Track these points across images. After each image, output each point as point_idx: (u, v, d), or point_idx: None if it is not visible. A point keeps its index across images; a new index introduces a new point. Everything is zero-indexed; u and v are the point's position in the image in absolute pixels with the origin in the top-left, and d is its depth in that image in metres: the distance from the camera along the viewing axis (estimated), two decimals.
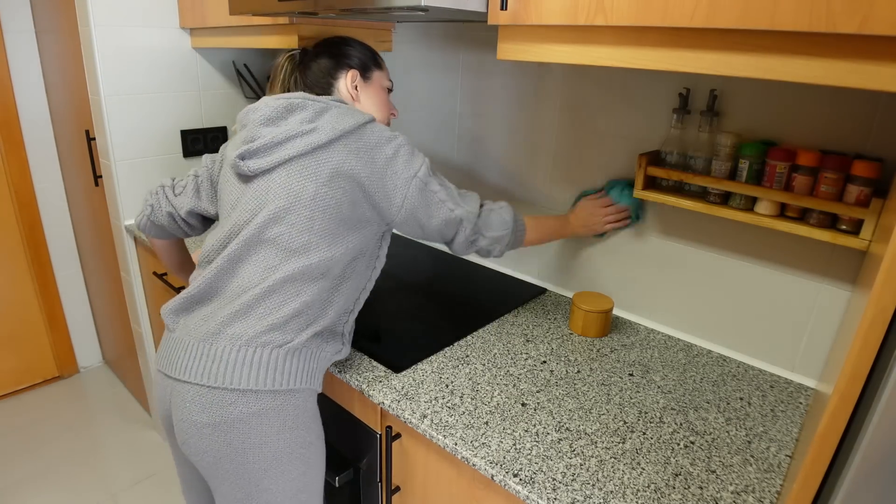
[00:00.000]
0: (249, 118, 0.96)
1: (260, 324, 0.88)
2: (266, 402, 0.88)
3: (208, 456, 0.90)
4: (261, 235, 0.90)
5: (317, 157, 0.90)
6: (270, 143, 0.90)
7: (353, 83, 1.06)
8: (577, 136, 1.31)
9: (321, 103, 0.95)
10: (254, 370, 0.87)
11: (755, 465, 0.86)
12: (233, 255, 0.91)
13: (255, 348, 0.88)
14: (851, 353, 0.49)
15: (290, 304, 0.89)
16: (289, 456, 0.92)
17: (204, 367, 0.88)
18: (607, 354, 1.16)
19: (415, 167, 0.95)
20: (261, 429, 0.89)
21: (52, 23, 1.91)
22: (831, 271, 1.02)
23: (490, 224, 1.04)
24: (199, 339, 0.89)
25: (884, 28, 0.58)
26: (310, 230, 0.89)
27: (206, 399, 0.87)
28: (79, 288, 2.48)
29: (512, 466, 0.83)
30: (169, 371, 0.91)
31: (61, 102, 2.06)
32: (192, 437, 0.90)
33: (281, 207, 0.89)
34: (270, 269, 0.89)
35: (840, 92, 0.94)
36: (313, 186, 0.89)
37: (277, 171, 0.91)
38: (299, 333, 0.91)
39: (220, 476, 0.91)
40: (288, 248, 0.89)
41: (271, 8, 1.16)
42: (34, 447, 2.10)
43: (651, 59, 0.80)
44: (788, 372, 1.11)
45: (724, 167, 1.04)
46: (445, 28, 1.49)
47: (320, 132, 0.90)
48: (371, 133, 0.93)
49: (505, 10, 0.90)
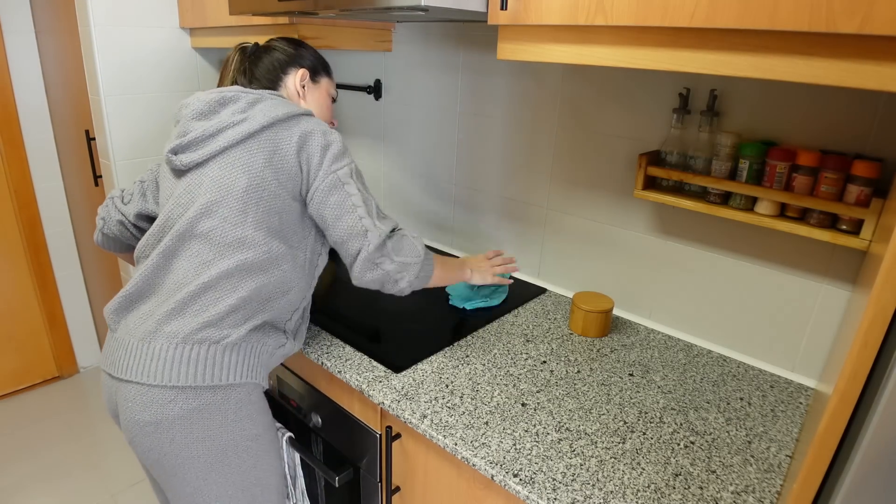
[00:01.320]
0: (182, 113, 0.96)
1: (195, 321, 0.88)
2: (206, 397, 0.88)
3: (153, 453, 0.90)
4: (192, 230, 0.89)
5: (248, 148, 0.89)
6: (201, 137, 0.90)
7: (301, 81, 1.06)
8: (577, 136, 1.31)
9: (255, 94, 0.95)
10: (191, 367, 0.87)
11: (755, 465, 0.86)
12: (166, 250, 0.91)
13: (192, 345, 0.87)
14: (851, 353, 0.49)
15: (225, 299, 0.89)
16: (234, 449, 0.92)
17: (143, 365, 0.88)
18: (607, 354, 1.16)
19: (339, 164, 0.93)
20: (202, 423, 0.89)
21: (52, 23, 1.91)
22: (831, 271, 1.02)
23: (401, 248, 0.96)
24: (138, 339, 0.89)
25: (884, 28, 0.58)
26: (243, 224, 0.89)
27: (147, 397, 0.87)
28: (79, 288, 2.48)
29: (512, 466, 0.83)
30: (111, 371, 0.91)
31: (61, 102, 2.06)
32: (137, 436, 0.90)
33: (211, 201, 0.89)
34: (204, 265, 0.89)
35: (840, 92, 0.94)
36: (245, 179, 0.88)
37: (209, 165, 0.90)
38: (236, 328, 0.90)
39: (168, 472, 0.92)
40: (221, 243, 0.89)
41: (271, 8, 1.16)
42: (34, 447, 2.10)
43: (651, 59, 0.80)
44: (788, 372, 1.11)
45: (724, 167, 1.04)
46: (445, 28, 1.49)
47: (251, 121, 0.90)
48: (305, 123, 0.93)
49: (505, 9, 0.90)
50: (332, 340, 1.15)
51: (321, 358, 1.10)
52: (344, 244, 0.94)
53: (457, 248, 1.66)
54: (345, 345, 1.14)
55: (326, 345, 1.14)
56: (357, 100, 1.81)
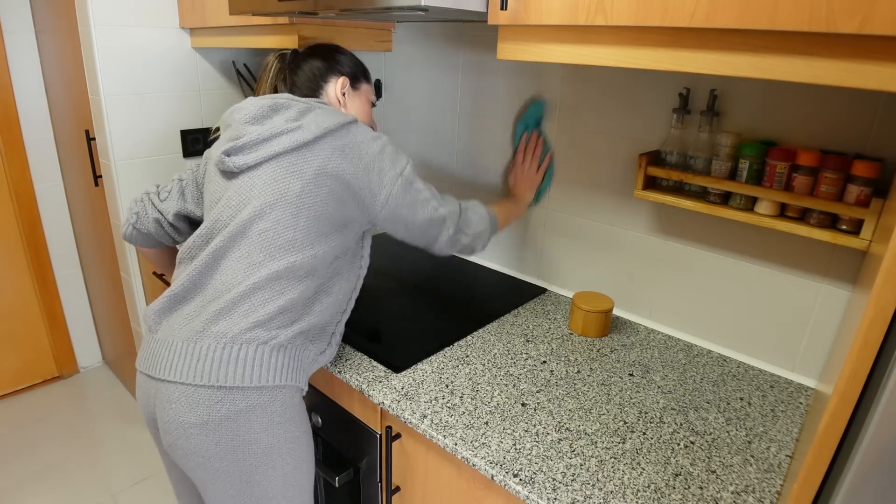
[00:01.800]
0: (234, 117, 0.96)
1: (244, 321, 0.88)
2: (253, 398, 0.88)
3: (197, 456, 0.89)
4: (245, 231, 0.90)
5: (302, 155, 0.91)
6: (256, 141, 0.91)
7: (342, 89, 1.07)
8: (576, 135, 1.31)
9: (305, 103, 0.97)
10: (239, 367, 0.87)
11: (755, 465, 0.86)
12: (216, 251, 0.91)
13: (241, 345, 0.87)
14: (851, 353, 0.49)
15: (274, 301, 0.89)
16: (278, 451, 0.92)
17: (189, 365, 0.87)
18: (607, 354, 1.16)
19: (401, 165, 0.97)
20: (249, 425, 0.88)
21: (52, 23, 1.91)
22: (831, 271, 1.02)
23: (470, 222, 1.07)
24: (183, 339, 0.89)
25: (884, 28, 0.58)
26: (295, 227, 0.90)
27: (193, 398, 0.86)
28: (79, 288, 2.48)
29: (512, 466, 0.83)
30: (153, 372, 0.90)
31: (61, 102, 2.06)
32: (180, 438, 0.89)
33: (266, 203, 0.89)
34: (255, 266, 0.89)
35: (840, 92, 0.94)
36: (299, 184, 0.89)
37: (262, 168, 0.91)
38: (283, 330, 0.91)
39: (211, 476, 0.91)
40: (273, 245, 0.89)
41: (271, 8, 1.16)
42: (34, 447, 2.10)
43: (651, 59, 0.80)
44: (788, 372, 1.11)
45: (724, 167, 1.04)
46: (445, 28, 1.49)
47: (305, 130, 0.91)
48: (356, 132, 0.95)
49: (505, 9, 0.90)
50: None
51: None
52: (424, 234, 1.02)
53: None
54: (345, 345, 1.14)
55: None
56: None
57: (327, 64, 1.07)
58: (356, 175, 0.93)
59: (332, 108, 0.99)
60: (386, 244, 1.71)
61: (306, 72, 1.06)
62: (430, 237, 1.03)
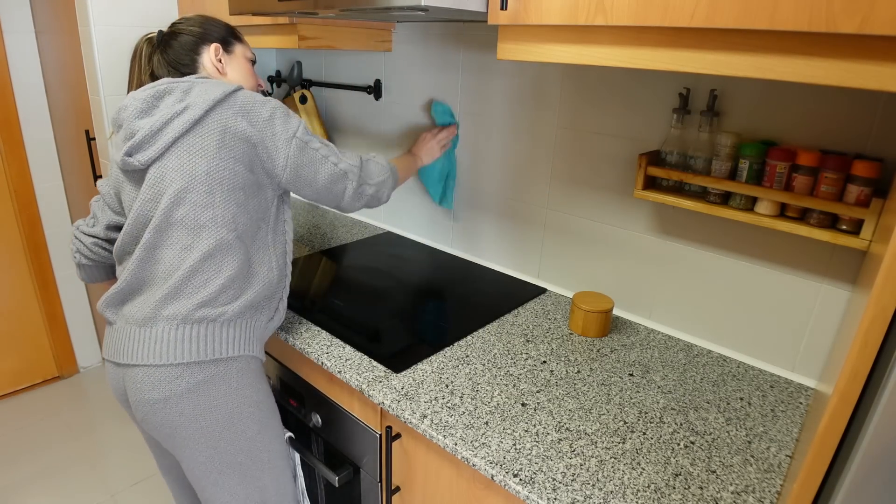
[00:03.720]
0: (122, 116, 0.97)
1: (191, 301, 0.94)
2: (209, 370, 0.96)
3: (165, 428, 0.97)
4: (168, 220, 0.94)
5: (199, 133, 0.93)
6: (150, 133, 0.93)
7: (217, 56, 1.07)
8: (576, 136, 1.31)
9: (186, 82, 0.98)
10: (193, 344, 0.94)
11: (755, 465, 0.86)
12: (148, 243, 0.95)
13: (192, 324, 0.94)
14: (851, 353, 0.49)
15: (214, 280, 0.95)
16: (240, 415, 1.00)
17: (148, 349, 0.94)
18: (607, 354, 1.16)
19: (292, 127, 1.00)
20: (209, 394, 0.96)
21: (52, 23, 1.91)
22: (831, 271, 1.02)
23: (371, 173, 1.12)
24: (138, 325, 0.95)
25: (884, 28, 0.58)
26: (212, 205, 0.94)
27: (155, 377, 0.94)
28: (79, 288, 2.48)
29: (512, 466, 0.83)
30: (117, 359, 0.97)
31: (61, 102, 2.06)
32: (148, 413, 0.96)
33: (179, 189, 0.93)
34: (186, 250, 0.94)
35: (840, 92, 0.94)
36: (205, 162, 0.93)
37: (166, 157, 0.93)
38: (230, 306, 0.97)
39: (181, 444, 0.98)
40: (196, 226, 0.94)
41: (271, 8, 1.17)
42: (34, 447, 2.10)
43: (651, 59, 0.80)
44: (788, 372, 1.11)
45: (724, 167, 1.04)
46: (445, 28, 1.49)
47: (194, 107, 0.93)
48: (244, 98, 0.97)
49: (505, 9, 0.90)
50: (332, 340, 1.15)
51: (321, 358, 1.10)
52: (328, 190, 1.06)
53: (457, 248, 1.66)
54: (345, 345, 1.14)
55: (326, 345, 1.14)
56: (357, 100, 1.81)
57: (194, 36, 1.06)
58: (254, 139, 0.96)
59: (213, 80, 0.99)
60: (386, 244, 1.71)
61: (177, 49, 1.05)
62: (335, 193, 1.07)
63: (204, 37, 1.07)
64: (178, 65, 1.05)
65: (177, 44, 1.05)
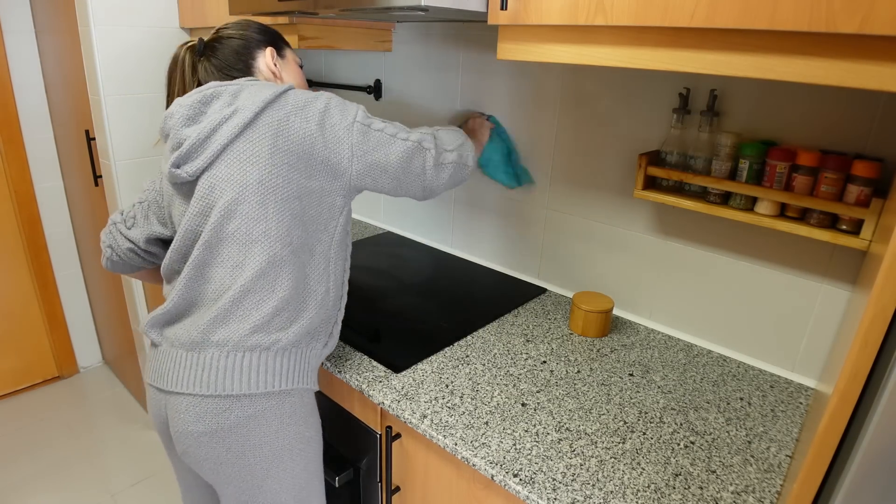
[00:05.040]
0: (169, 124, 0.91)
1: (242, 326, 0.87)
2: (261, 404, 0.88)
3: (209, 462, 0.90)
4: (220, 234, 0.87)
5: (249, 138, 0.86)
6: (198, 141, 0.87)
7: (273, 60, 1.02)
8: (576, 135, 1.31)
9: (235, 85, 0.92)
10: (244, 375, 0.86)
11: (755, 465, 0.86)
12: (197, 261, 0.88)
13: (244, 352, 0.87)
14: (851, 353, 0.49)
15: (267, 301, 0.88)
16: (289, 453, 0.92)
17: (195, 376, 0.87)
18: (607, 354, 1.16)
19: (351, 113, 0.92)
20: (258, 430, 0.88)
21: (52, 23, 1.91)
22: (831, 271, 1.02)
23: (445, 140, 1.03)
24: (186, 349, 0.88)
25: (884, 28, 0.58)
26: (265, 218, 0.86)
27: (201, 408, 0.87)
28: (79, 288, 2.48)
29: (512, 466, 0.83)
30: (160, 384, 0.90)
31: (61, 102, 2.06)
32: (191, 446, 0.89)
33: (230, 200, 0.86)
34: (238, 268, 0.87)
35: (840, 92, 0.94)
36: (256, 171, 0.86)
37: (216, 166, 0.87)
38: (284, 332, 0.89)
39: (224, 480, 0.92)
40: (248, 241, 0.87)
41: (271, 8, 1.16)
42: (34, 447, 2.10)
43: (651, 59, 0.80)
44: (788, 372, 1.11)
45: (724, 167, 1.04)
46: (445, 28, 1.49)
47: (243, 110, 0.87)
48: (296, 96, 0.90)
49: (505, 9, 0.90)
50: None
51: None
52: (406, 170, 0.95)
53: (457, 248, 1.66)
54: (345, 345, 1.14)
55: None
56: (357, 100, 1.81)
57: (247, 40, 1.01)
58: (311, 138, 0.88)
59: (263, 82, 0.94)
60: (386, 244, 1.71)
61: (228, 54, 1.00)
62: (415, 171, 0.96)
63: (256, 40, 1.02)
64: (229, 69, 1.00)
65: (226, 48, 1.00)
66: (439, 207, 1.67)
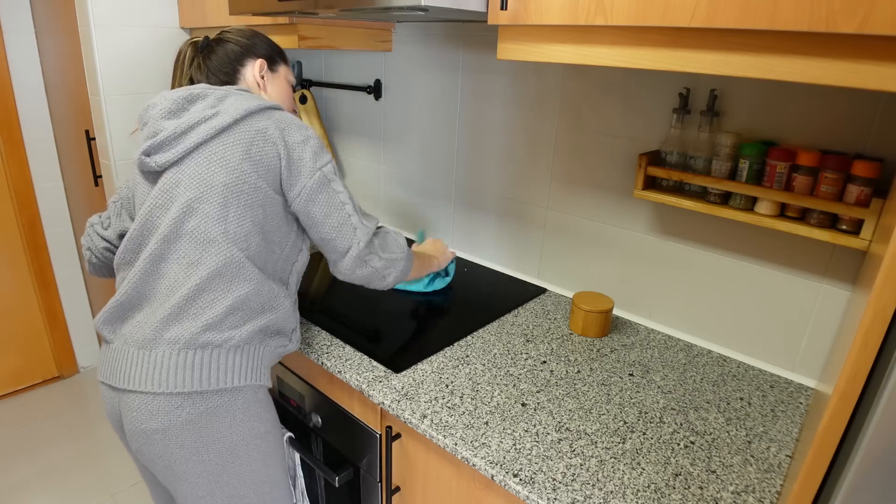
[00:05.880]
0: (150, 114, 0.92)
1: (194, 324, 0.87)
2: (213, 400, 0.88)
3: (163, 460, 0.89)
4: (178, 231, 0.87)
5: (223, 142, 0.88)
6: (173, 135, 0.88)
7: (260, 72, 1.03)
8: (576, 135, 1.31)
9: (223, 90, 0.94)
10: (195, 372, 0.86)
11: (755, 465, 0.86)
12: (154, 254, 0.88)
13: (196, 350, 0.87)
14: (851, 353, 0.49)
15: (221, 301, 0.88)
16: (245, 448, 0.92)
17: (146, 374, 0.86)
18: (607, 354, 1.16)
19: (322, 160, 0.93)
20: (211, 427, 0.88)
21: (52, 23, 1.91)
22: (831, 271, 1.02)
23: (387, 245, 1.01)
24: (137, 347, 0.88)
25: (884, 28, 0.58)
26: (225, 219, 0.87)
27: (153, 406, 0.86)
28: (79, 288, 2.48)
29: (512, 466, 0.83)
30: (112, 382, 0.89)
31: (61, 102, 2.06)
32: (144, 444, 0.89)
33: (192, 199, 0.87)
34: (193, 266, 0.87)
35: (840, 92, 0.94)
36: (224, 174, 0.87)
37: (186, 163, 0.88)
38: (237, 330, 0.89)
39: (179, 478, 0.91)
40: (206, 240, 0.87)
41: (271, 8, 1.17)
42: (34, 447, 2.10)
43: (651, 59, 0.80)
44: (788, 372, 1.11)
45: (724, 167, 1.04)
46: (445, 28, 1.49)
47: (224, 114, 0.88)
48: (280, 117, 0.92)
49: (505, 9, 0.90)
50: (332, 340, 1.15)
51: (321, 358, 1.10)
52: (332, 241, 0.95)
53: (457, 248, 1.66)
54: (345, 345, 1.14)
55: (326, 345, 1.14)
56: (357, 100, 1.81)
57: (241, 47, 1.02)
58: (279, 159, 0.90)
59: (252, 94, 0.96)
60: None
61: (221, 56, 1.01)
62: (338, 248, 0.96)
63: (251, 49, 1.03)
64: (218, 72, 1.01)
65: (221, 51, 1.02)
66: (439, 207, 1.67)
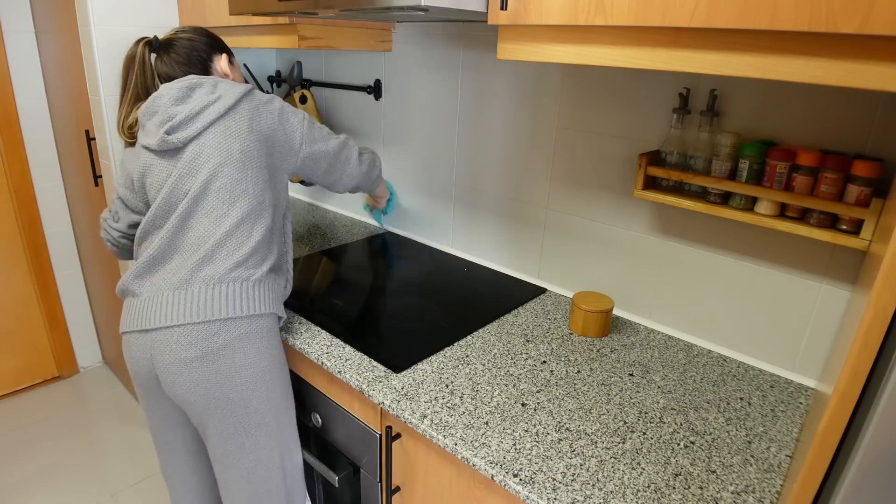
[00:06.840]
0: (158, 104, 1.06)
1: (225, 264, 1.02)
2: (244, 326, 1.02)
3: (199, 388, 1.00)
4: (206, 190, 1.03)
5: (231, 118, 1.05)
6: (188, 117, 1.03)
7: (227, 65, 1.20)
8: (576, 136, 1.31)
9: (212, 79, 1.09)
10: (230, 301, 1.01)
11: (755, 465, 0.86)
12: (183, 212, 1.03)
13: (227, 283, 1.02)
14: (851, 353, 0.49)
15: (246, 243, 1.04)
16: (270, 373, 1.06)
17: (184, 309, 0.99)
18: (607, 354, 1.16)
19: (300, 114, 1.17)
20: (244, 351, 1.02)
21: (52, 23, 1.91)
22: (831, 271, 1.02)
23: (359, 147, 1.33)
24: (172, 289, 1.01)
25: (884, 28, 0.58)
26: (244, 179, 1.05)
27: (192, 335, 0.99)
28: (79, 288, 2.48)
29: (512, 466, 0.83)
30: (148, 325, 1.00)
31: (61, 102, 2.06)
32: (182, 374, 1.00)
33: (217, 164, 1.03)
34: (221, 217, 1.03)
35: (840, 92, 0.94)
36: (238, 143, 1.05)
37: (203, 137, 1.04)
38: (258, 268, 1.06)
39: (212, 407, 1.02)
40: (231, 197, 1.04)
41: (271, 8, 1.17)
42: (34, 447, 2.10)
43: (651, 59, 0.80)
44: (788, 372, 1.11)
45: (725, 167, 1.04)
46: (445, 28, 1.49)
47: (226, 97, 1.05)
48: (258, 96, 1.11)
49: (505, 9, 0.90)
50: (332, 340, 1.15)
51: (321, 358, 1.10)
52: (338, 157, 1.24)
53: (457, 248, 1.66)
54: (345, 345, 1.14)
55: (326, 345, 1.14)
56: (357, 100, 1.81)
57: (206, 44, 1.17)
58: (275, 126, 1.10)
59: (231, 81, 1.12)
60: (385, 245, 1.71)
61: (189, 49, 1.15)
62: (344, 159, 1.25)
63: (215, 46, 1.19)
64: (189, 65, 1.15)
65: (186, 47, 1.15)
66: (439, 207, 1.67)
